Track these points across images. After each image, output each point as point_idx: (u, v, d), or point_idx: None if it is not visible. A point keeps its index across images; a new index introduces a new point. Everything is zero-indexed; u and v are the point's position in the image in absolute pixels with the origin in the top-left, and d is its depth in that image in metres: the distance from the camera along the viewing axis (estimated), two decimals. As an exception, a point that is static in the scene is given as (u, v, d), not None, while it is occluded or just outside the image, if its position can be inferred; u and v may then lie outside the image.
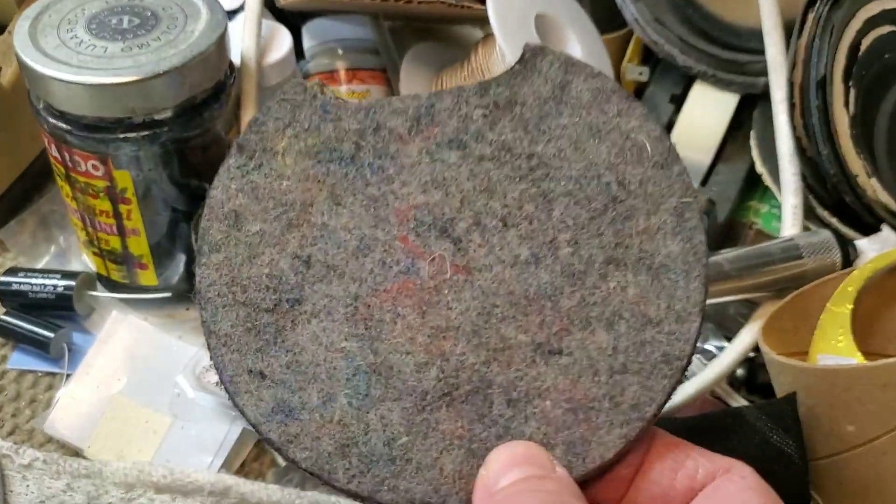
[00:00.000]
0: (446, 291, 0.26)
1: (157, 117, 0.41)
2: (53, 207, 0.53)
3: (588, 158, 0.27)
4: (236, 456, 0.44)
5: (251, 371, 0.25)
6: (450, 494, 0.24)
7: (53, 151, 0.44)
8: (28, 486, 0.42)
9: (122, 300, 0.48)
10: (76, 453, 0.44)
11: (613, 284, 0.26)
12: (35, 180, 0.54)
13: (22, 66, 0.41)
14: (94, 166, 0.43)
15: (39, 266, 0.51)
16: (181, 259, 0.47)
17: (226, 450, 0.43)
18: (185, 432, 0.44)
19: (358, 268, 0.26)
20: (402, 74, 0.52)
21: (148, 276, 0.47)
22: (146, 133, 0.41)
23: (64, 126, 0.41)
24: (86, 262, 0.50)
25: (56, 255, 0.52)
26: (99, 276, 0.49)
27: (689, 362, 0.26)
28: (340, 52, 0.53)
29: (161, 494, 0.42)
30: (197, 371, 0.43)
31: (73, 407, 0.45)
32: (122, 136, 0.41)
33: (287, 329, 0.26)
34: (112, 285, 0.49)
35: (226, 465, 0.43)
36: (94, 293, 0.49)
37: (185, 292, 0.48)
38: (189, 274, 0.48)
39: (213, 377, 0.43)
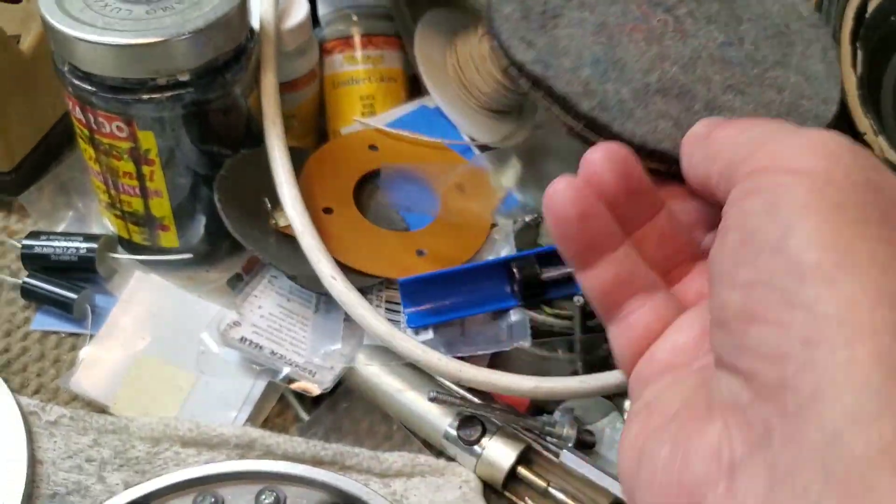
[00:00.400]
0: (667, 38, 0.36)
1: (180, 79, 0.42)
2: (73, 174, 0.54)
3: (765, 8, 0.38)
4: (260, 411, 0.45)
5: (522, 38, 0.35)
6: (664, 139, 0.33)
7: (77, 114, 0.44)
8: (55, 441, 0.43)
9: (143, 262, 0.49)
10: (102, 411, 0.45)
11: (780, 73, 0.36)
12: (54, 147, 0.55)
13: (48, 28, 0.42)
14: (118, 128, 0.43)
15: (59, 230, 0.51)
16: (202, 221, 0.48)
17: (250, 405, 0.44)
18: (210, 388, 0.44)
19: (605, 9, 0.36)
20: (417, 40, 0.52)
21: (169, 238, 0.48)
22: (169, 94, 0.42)
23: (89, 87, 0.42)
24: (106, 225, 0.51)
25: (74, 220, 0.52)
26: (120, 239, 0.50)
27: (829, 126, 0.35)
28: (355, 18, 0.54)
29: (187, 448, 0.43)
30: (222, 327, 0.44)
31: (97, 366, 0.46)
32: (145, 97, 0.42)
33: (548, 26, 0.36)
34: (133, 247, 0.50)
35: (250, 420, 0.44)
36: (115, 255, 0.50)
37: (206, 254, 0.49)
38: (209, 236, 0.49)
39: (238, 333, 0.44)
